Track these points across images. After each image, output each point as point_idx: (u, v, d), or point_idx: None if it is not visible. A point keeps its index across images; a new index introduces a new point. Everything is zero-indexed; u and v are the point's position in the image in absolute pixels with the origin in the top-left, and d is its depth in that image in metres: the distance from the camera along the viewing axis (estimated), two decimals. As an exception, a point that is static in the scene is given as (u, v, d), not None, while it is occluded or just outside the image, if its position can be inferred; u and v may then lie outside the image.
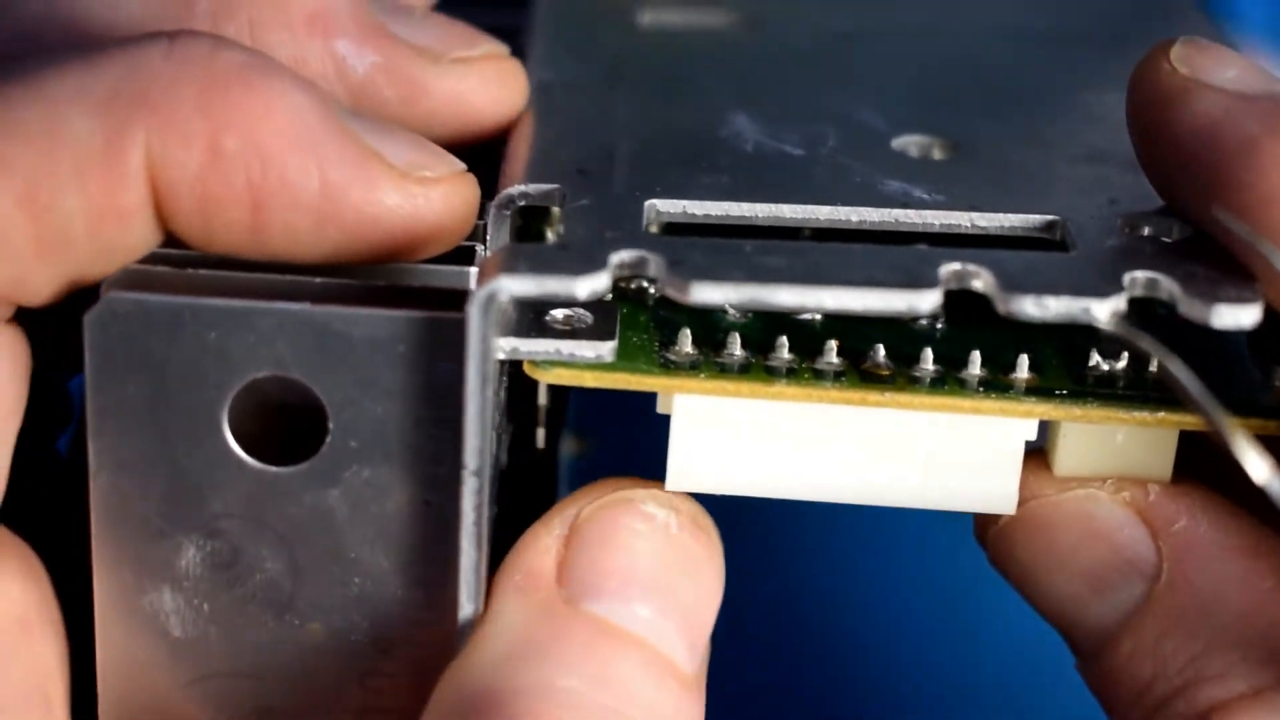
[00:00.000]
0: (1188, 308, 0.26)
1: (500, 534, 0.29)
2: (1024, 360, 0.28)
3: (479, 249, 0.29)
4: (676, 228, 0.29)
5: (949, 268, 0.26)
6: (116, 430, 0.27)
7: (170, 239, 0.27)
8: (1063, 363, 0.29)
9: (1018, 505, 0.29)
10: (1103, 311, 0.26)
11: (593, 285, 0.26)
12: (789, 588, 0.46)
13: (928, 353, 0.28)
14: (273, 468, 0.28)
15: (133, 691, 0.29)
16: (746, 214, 0.29)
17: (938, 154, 0.31)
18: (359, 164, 0.27)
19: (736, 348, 0.28)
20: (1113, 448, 0.29)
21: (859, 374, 0.28)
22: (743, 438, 0.29)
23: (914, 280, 0.26)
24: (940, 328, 0.30)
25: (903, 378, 0.28)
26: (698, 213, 0.29)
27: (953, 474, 0.29)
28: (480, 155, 0.30)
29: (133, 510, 0.28)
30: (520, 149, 0.30)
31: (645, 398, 0.30)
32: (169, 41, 0.27)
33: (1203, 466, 0.30)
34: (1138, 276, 0.27)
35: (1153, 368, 0.29)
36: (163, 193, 0.26)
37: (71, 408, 0.33)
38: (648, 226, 0.28)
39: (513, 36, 0.33)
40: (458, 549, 0.27)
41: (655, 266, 0.26)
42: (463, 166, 0.28)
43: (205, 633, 0.28)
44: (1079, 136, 0.32)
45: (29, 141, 0.26)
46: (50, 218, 0.26)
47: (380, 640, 0.28)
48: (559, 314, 0.28)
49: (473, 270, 0.28)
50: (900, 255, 0.27)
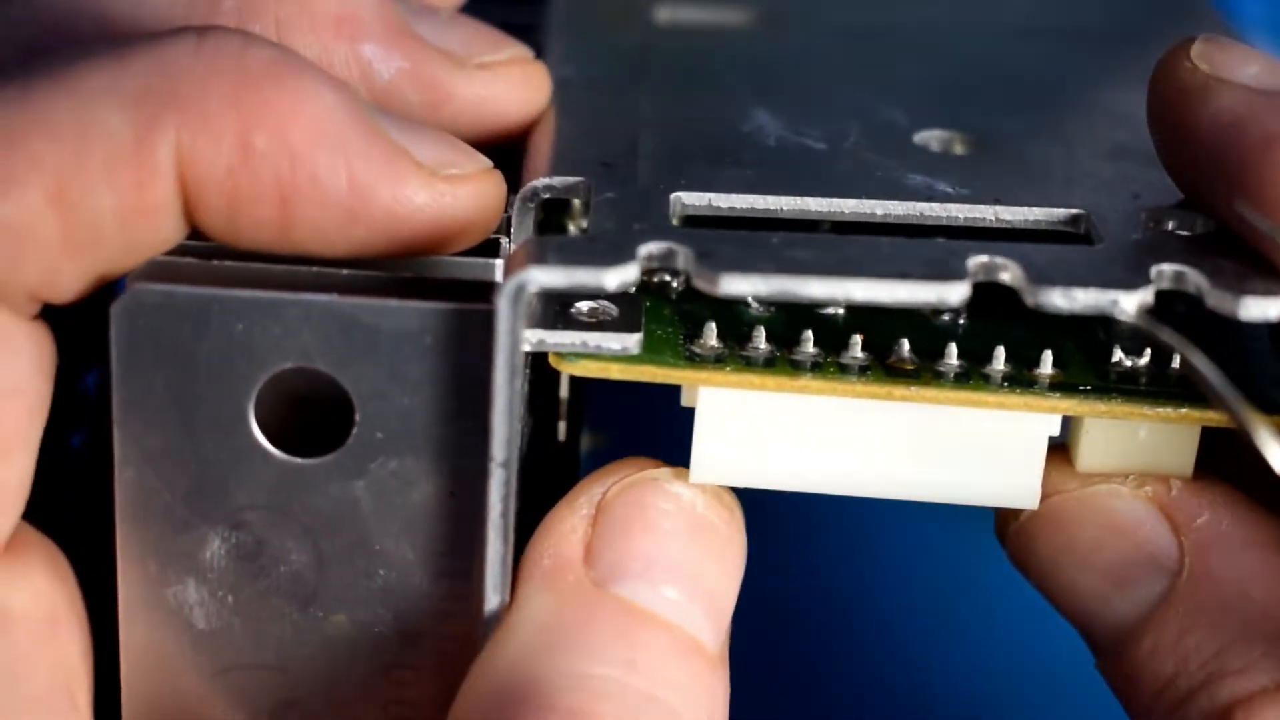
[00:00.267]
0: (1215, 300, 0.26)
1: (523, 526, 0.29)
2: (1048, 356, 0.28)
3: (503, 241, 0.29)
4: (701, 220, 0.29)
5: (977, 260, 0.27)
6: (142, 422, 0.27)
7: (195, 232, 0.27)
8: (1085, 359, 0.29)
9: (1041, 498, 0.29)
10: (1130, 304, 0.26)
11: (622, 276, 0.26)
12: (791, 586, 0.46)
13: (952, 348, 0.28)
14: (298, 459, 0.28)
15: (156, 684, 0.29)
16: (771, 207, 0.29)
17: (959, 149, 0.31)
18: (387, 162, 0.27)
19: (761, 341, 0.28)
20: (1135, 444, 0.29)
21: (884, 368, 0.28)
22: (767, 431, 0.29)
23: (942, 272, 0.26)
24: (963, 323, 0.30)
25: (927, 372, 0.28)
26: (723, 205, 0.29)
27: (976, 468, 0.29)
28: (501, 149, 0.30)
29: (158, 502, 0.28)
30: (543, 143, 0.30)
31: (662, 392, 0.30)
32: (198, 37, 0.27)
33: (1224, 463, 0.30)
34: (1164, 269, 0.27)
35: (1175, 364, 0.29)
36: (191, 189, 0.26)
37: (86, 404, 0.33)
38: (673, 219, 0.28)
39: (529, 34, 0.33)
40: (483, 541, 0.27)
41: (684, 258, 0.26)
42: (489, 163, 0.28)
43: (229, 625, 0.28)
44: (1099, 132, 0.32)
45: (59, 138, 0.26)
46: (80, 215, 0.26)
47: (405, 632, 0.28)
48: (584, 306, 0.28)
49: (498, 262, 0.28)
50: (928, 248, 0.27)
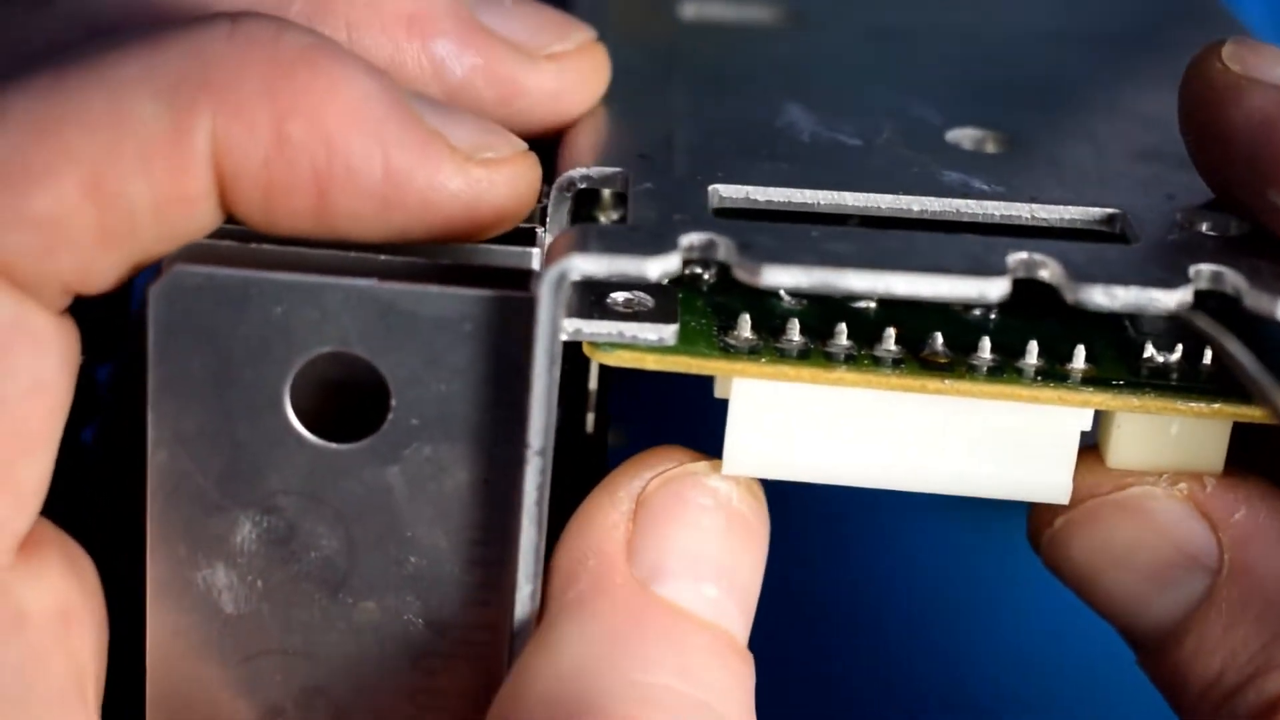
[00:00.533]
0: (1253, 301, 0.26)
1: (553, 517, 0.28)
2: (1080, 351, 0.29)
3: (539, 230, 0.29)
4: (738, 213, 0.29)
5: (1017, 257, 0.27)
6: (177, 404, 0.27)
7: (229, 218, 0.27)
8: (1117, 354, 0.29)
9: (1072, 501, 0.29)
10: (1170, 302, 0.26)
11: (664, 266, 0.26)
12: (803, 582, 0.46)
13: (985, 342, 0.28)
14: (333, 444, 0.28)
15: (182, 668, 0.29)
16: (809, 201, 0.29)
17: (991, 147, 0.31)
18: (422, 148, 0.27)
19: (795, 333, 0.28)
20: (1166, 439, 0.29)
21: (917, 361, 0.28)
22: (800, 423, 0.29)
23: (983, 268, 0.26)
24: (994, 318, 0.30)
25: (961, 366, 0.28)
26: (760, 198, 0.29)
27: (1008, 463, 0.29)
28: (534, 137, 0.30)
29: (190, 485, 0.28)
30: (578, 133, 0.30)
31: (688, 387, 0.30)
32: (231, 24, 0.26)
33: (1256, 457, 0.30)
34: (1203, 269, 0.27)
35: (1206, 360, 0.29)
36: (227, 178, 0.26)
37: (98, 397, 0.33)
38: (711, 210, 0.28)
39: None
40: (517, 529, 0.27)
41: (725, 249, 0.26)
42: (524, 146, 0.28)
43: (258, 610, 0.28)
44: (1128, 134, 0.32)
45: (94, 129, 0.26)
46: (116, 206, 0.26)
47: (435, 620, 0.28)
48: (620, 296, 0.28)
49: (535, 251, 0.28)
50: (966, 244, 0.27)
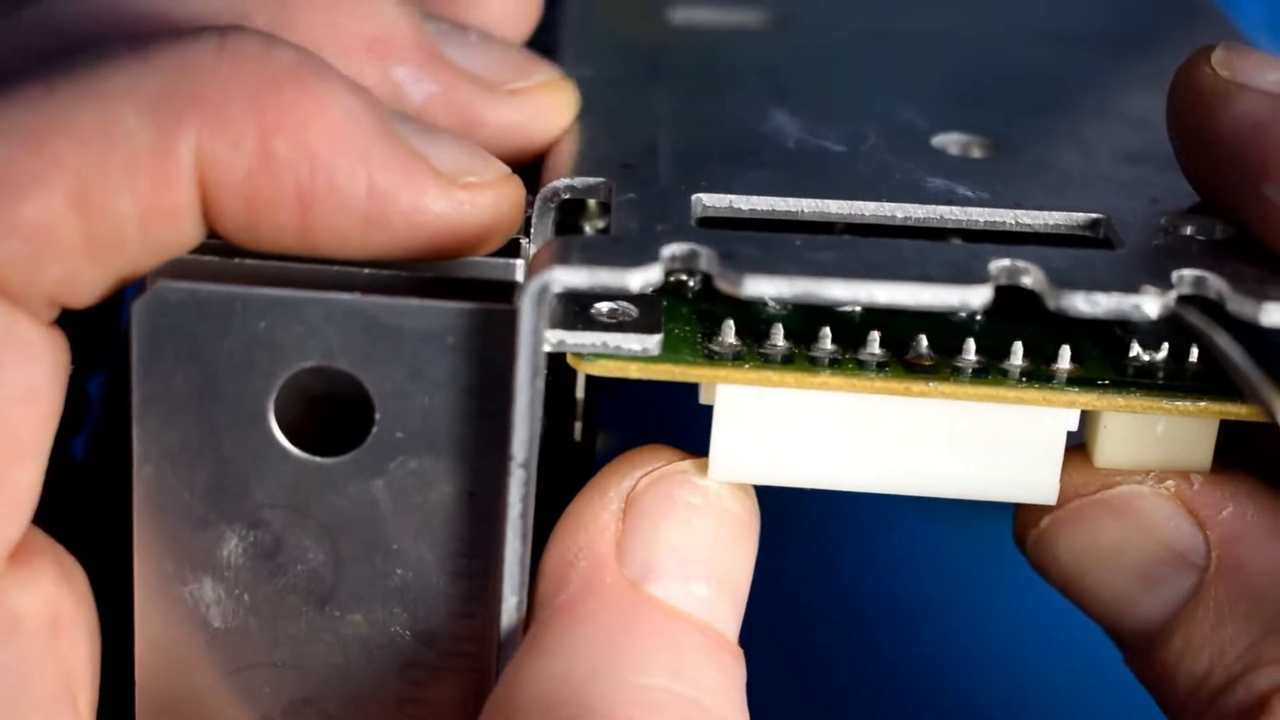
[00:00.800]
0: (1236, 305, 0.26)
1: (540, 526, 0.28)
2: (1065, 351, 0.29)
3: (523, 242, 0.29)
4: (722, 222, 0.29)
5: (999, 264, 0.27)
6: (162, 419, 0.27)
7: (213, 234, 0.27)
8: (1103, 354, 0.29)
9: (1059, 501, 0.29)
10: (1153, 308, 0.26)
11: (646, 277, 0.26)
12: (794, 586, 0.46)
13: (970, 343, 0.28)
14: (318, 458, 0.28)
15: (171, 682, 0.29)
16: (792, 209, 0.29)
17: (977, 152, 0.31)
18: (407, 169, 0.27)
19: (779, 339, 0.28)
20: (1153, 438, 0.29)
21: (902, 364, 0.28)
22: (785, 428, 0.29)
23: (965, 275, 0.26)
24: (980, 320, 0.30)
25: (945, 368, 0.28)
26: (744, 207, 0.29)
27: (994, 465, 0.29)
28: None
29: (176, 500, 0.28)
30: (562, 144, 0.30)
31: (676, 391, 0.30)
32: (220, 38, 0.26)
33: (1242, 454, 0.30)
34: (1185, 274, 0.27)
35: (1193, 358, 0.29)
36: (211, 192, 0.26)
37: (88, 409, 0.33)
38: (694, 220, 0.28)
39: (543, 31, 0.33)
40: (502, 541, 0.27)
41: (707, 259, 0.26)
42: (508, 170, 0.28)
43: (245, 623, 0.28)
44: (1115, 137, 0.32)
45: (81, 140, 0.26)
46: (102, 217, 0.26)
47: (422, 632, 0.28)
48: (604, 307, 0.28)
49: (519, 262, 0.28)
50: (949, 251, 0.27)
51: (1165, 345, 0.29)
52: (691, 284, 0.30)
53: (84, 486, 0.33)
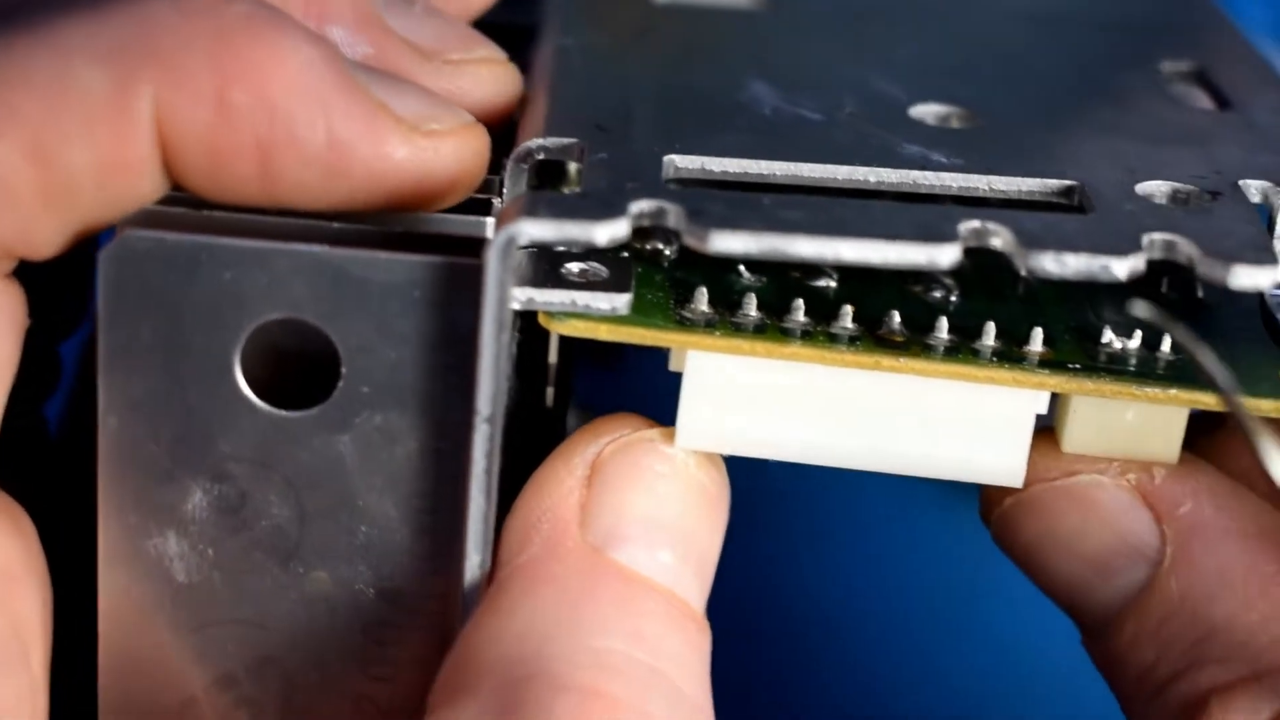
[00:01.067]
0: (1206, 269, 0.26)
1: (509, 489, 0.28)
2: (1038, 333, 0.28)
3: (495, 202, 0.29)
4: (694, 183, 0.29)
5: (968, 225, 0.26)
6: (127, 370, 0.27)
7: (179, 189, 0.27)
8: (1075, 340, 0.29)
9: (1025, 484, 0.29)
10: (1121, 270, 0.26)
11: (612, 231, 0.26)
12: (778, 582, 0.46)
13: (943, 321, 0.28)
14: (283, 411, 0.27)
15: (134, 637, 0.29)
16: (764, 172, 0.29)
17: (956, 123, 0.31)
18: (367, 117, 0.27)
19: (752, 308, 0.28)
20: (1122, 426, 0.29)
21: (873, 339, 0.28)
22: (754, 398, 0.28)
23: (934, 235, 0.26)
24: (955, 300, 0.30)
25: (917, 345, 0.28)
26: (716, 169, 0.29)
27: (962, 444, 0.29)
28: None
29: (141, 451, 0.28)
30: (538, 107, 0.30)
31: (651, 374, 0.30)
32: None
33: (1214, 442, 0.30)
34: (1156, 238, 0.27)
35: (1165, 348, 0.29)
36: (171, 145, 0.26)
37: (60, 372, 0.33)
38: (666, 180, 0.28)
39: (528, 5, 0.34)
40: (467, 498, 0.27)
41: (675, 216, 0.26)
42: (471, 119, 0.28)
43: (210, 579, 0.28)
44: (1094, 111, 0.32)
45: (36, 91, 0.26)
46: (57, 168, 0.26)
47: (386, 590, 0.28)
48: (575, 267, 0.28)
49: (489, 220, 0.28)
50: (920, 213, 0.27)
51: (1138, 333, 0.29)
52: (668, 253, 0.30)
53: (59, 451, 0.33)
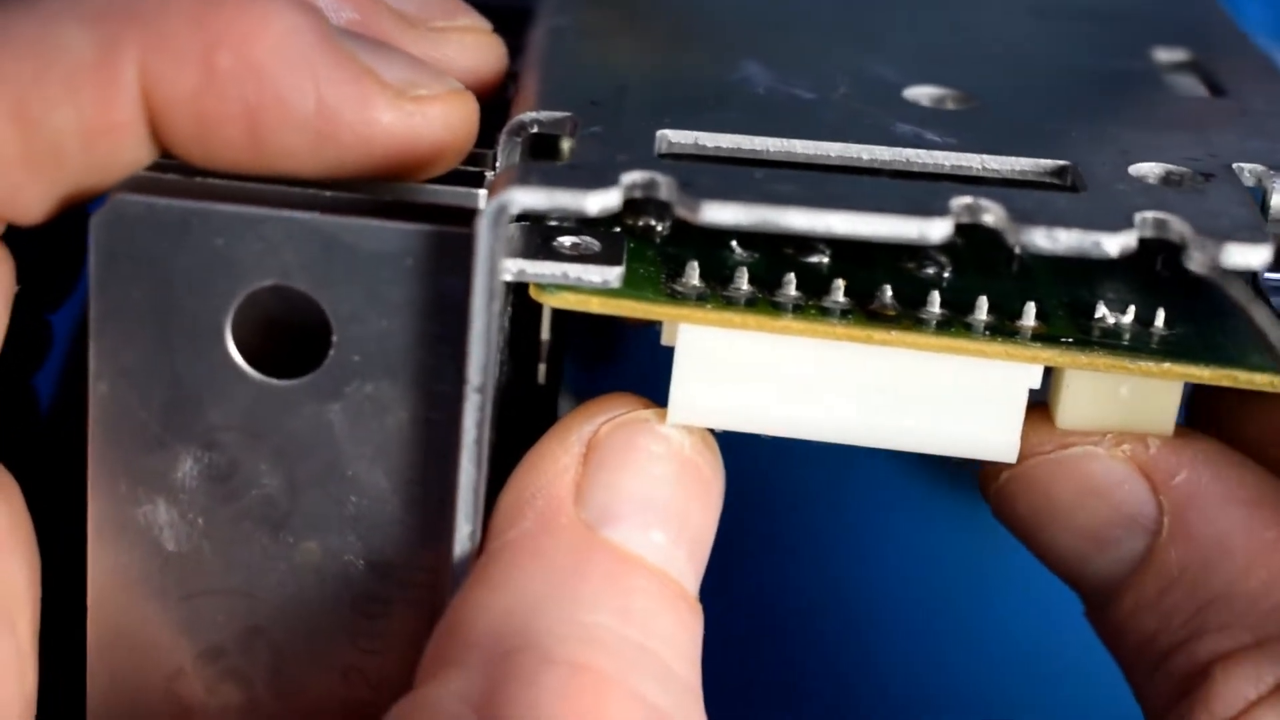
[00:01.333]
0: (1198, 247, 0.26)
1: (500, 464, 0.28)
2: (1030, 308, 0.28)
3: (488, 175, 0.29)
4: (687, 158, 0.29)
5: (960, 200, 0.26)
6: (118, 336, 0.27)
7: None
8: (1069, 315, 0.29)
9: (1020, 458, 0.29)
10: (1113, 246, 0.26)
11: (604, 201, 0.26)
12: (771, 577, 0.46)
13: (935, 295, 0.28)
14: (274, 380, 0.27)
15: (124, 606, 0.29)
16: (757, 148, 0.29)
17: (950, 105, 0.31)
18: (354, 82, 0.27)
19: (744, 282, 0.28)
20: (1116, 401, 0.29)
21: (865, 314, 0.28)
22: (746, 373, 0.28)
23: (925, 210, 0.26)
24: (947, 277, 0.30)
25: (909, 319, 0.28)
26: (709, 144, 0.29)
27: (955, 419, 0.29)
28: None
29: (131, 419, 0.28)
30: (531, 82, 0.30)
31: (643, 361, 0.30)
32: None
33: (1213, 411, 0.30)
34: (1148, 216, 0.27)
35: (1159, 323, 0.29)
36: (158, 109, 0.26)
37: (51, 343, 0.33)
38: (659, 154, 0.28)
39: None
40: (457, 468, 0.27)
41: (666, 188, 0.26)
42: (459, 85, 0.28)
43: (199, 547, 0.28)
44: (1089, 98, 0.32)
45: (20, 54, 0.26)
46: (42, 132, 0.26)
47: (376, 562, 0.28)
48: (567, 240, 0.28)
49: (481, 191, 0.28)
50: (912, 188, 0.27)
51: (1131, 308, 0.29)
52: (660, 229, 0.30)
53: (50, 422, 0.33)
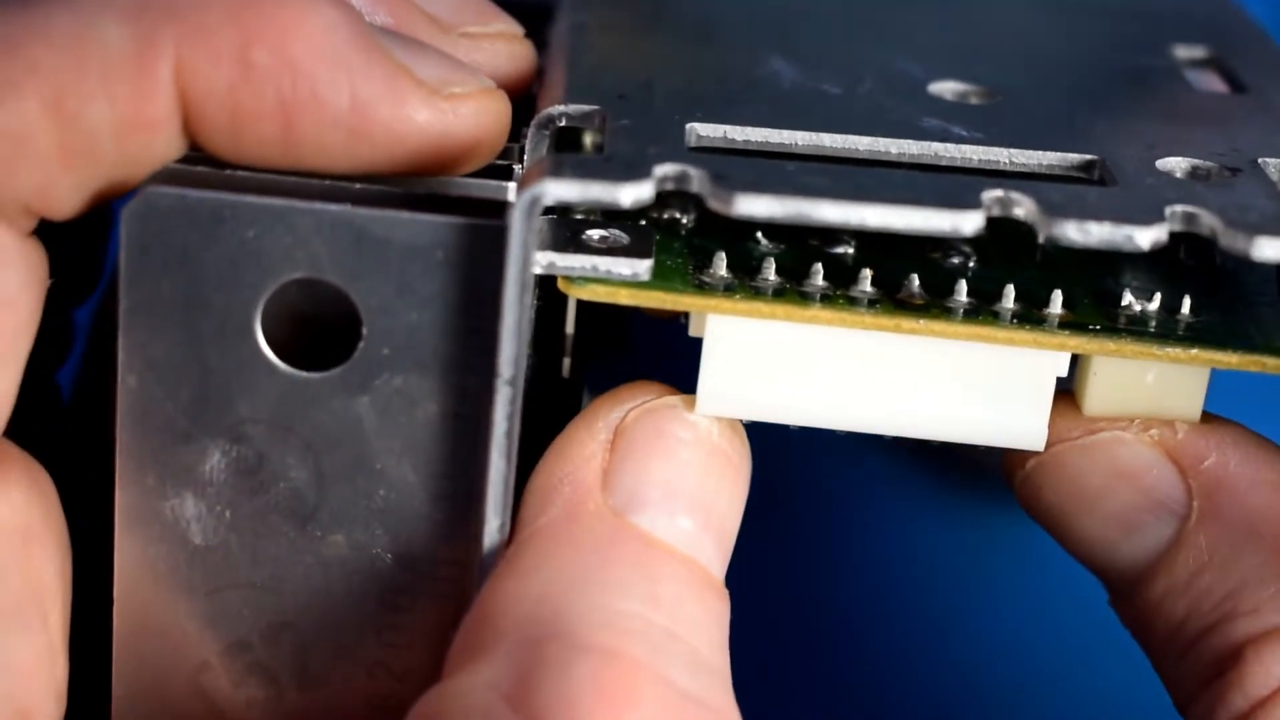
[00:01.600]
0: (1228, 240, 0.26)
1: (526, 458, 0.28)
2: (1058, 295, 0.28)
3: (517, 168, 0.29)
4: (717, 151, 0.29)
5: (991, 194, 0.26)
6: (148, 329, 0.27)
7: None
8: (1095, 302, 0.29)
9: (1046, 445, 0.29)
10: (1145, 239, 0.26)
11: (637, 193, 0.26)
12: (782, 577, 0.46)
13: (962, 284, 0.28)
14: (303, 373, 0.27)
15: (149, 600, 0.29)
16: (786, 141, 0.29)
17: (975, 100, 0.31)
18: (388, 80, 0.27)
19: (771, 272, 0.28)
20: (1143, 387, 0.29)
21: (893, 302, 0.28)
22: (774, 363, 0.28)
23: (957, 202, 0.26)
24: (973, 266, 0.30)
25: (937, 308, 0.28)
26: (738, 138, 0.29)
27: (983, 407, 0.29)
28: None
29: (159, 412, 0.28)
30: (558, 76, 0.30)
31: (670, 354, 0.30)
32: None
33: None
34: (1178, 209, 0.27)
35: (1185, 310, 0.29)
36: (192, 105, 0.26)
37: (74, 339, 0.33)
38: (689, 147, 0.28)
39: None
40: (486, 463, 0.27)
41: (699, 180, 0.26)
42: (492, 83, 0.28)
43: (226, 541, 0.28)
44: (1113, 94, 0.32)
45: (58, 47, 0.26)
46: (77, 125, 0.26)
47: (402, 555, 0.28)
48: (595, 234, 0.28)
49: (511, 184, 0.28)
50: (942, 181, 0.27)
51: (1158, 295, 0.29)
52: (685, 221, 0.30)
53: (71, 418, 0.33)
